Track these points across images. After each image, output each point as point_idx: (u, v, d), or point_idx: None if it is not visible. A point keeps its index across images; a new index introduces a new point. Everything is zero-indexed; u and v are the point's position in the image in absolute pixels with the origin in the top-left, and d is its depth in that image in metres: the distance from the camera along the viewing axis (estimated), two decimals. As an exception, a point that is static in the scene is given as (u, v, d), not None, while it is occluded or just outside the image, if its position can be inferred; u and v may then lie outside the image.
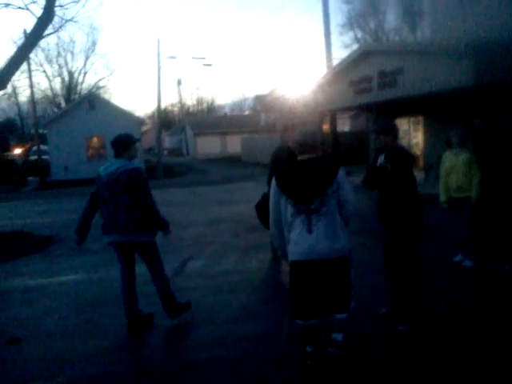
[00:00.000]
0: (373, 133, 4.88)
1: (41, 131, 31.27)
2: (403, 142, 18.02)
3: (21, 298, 6.31)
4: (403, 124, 18.07)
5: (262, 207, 6.22)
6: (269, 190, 4.15)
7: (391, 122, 4.92)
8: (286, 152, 6.55)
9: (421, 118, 17.19)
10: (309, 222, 3.65)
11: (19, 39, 27.26)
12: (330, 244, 3.64)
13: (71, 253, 8.59)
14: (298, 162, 3.87)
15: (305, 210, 3.67)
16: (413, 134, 17.98)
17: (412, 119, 17.82)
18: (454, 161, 6.36)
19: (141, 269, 5.10)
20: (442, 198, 6.54)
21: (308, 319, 3.79)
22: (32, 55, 46.92)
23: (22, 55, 10.11)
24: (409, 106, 15.99)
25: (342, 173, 3.76)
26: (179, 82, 61.87)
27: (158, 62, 30.14)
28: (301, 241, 3.67)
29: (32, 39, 10.29)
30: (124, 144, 4.81)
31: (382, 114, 17.43)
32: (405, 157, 4.55)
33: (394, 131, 4.65)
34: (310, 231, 3.64)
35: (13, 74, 9.92)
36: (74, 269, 7.60)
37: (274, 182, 3.87)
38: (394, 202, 4.49)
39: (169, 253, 8.29)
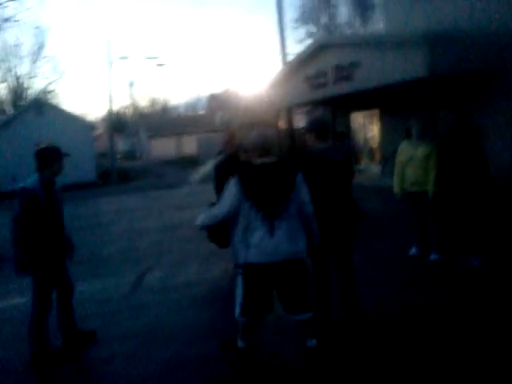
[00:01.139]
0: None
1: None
2: (359, 136, 18.01)
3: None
4: (359, 118, 18.00)
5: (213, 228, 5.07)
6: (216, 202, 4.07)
7: (315, 120, 4.61)
8: (227, 164, 5.68)
9: (377, 112, 17.12)
10: (271, 225, 3.59)
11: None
12: (291, 246, 3.63)
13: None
14: (260, 165, 3.72)
15: (268, 215, 3.58)
16: (368, 128, 17.90)
17: (368, 113, 17.73)
18: (411, 153, 6.10)
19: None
20: (397, 189, 6.32)
21: (258, 319, 3.81)
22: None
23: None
24: (365, 99, 15.88)
25: (300, 174, 3.73)
26: (131, 84, 61.13)
27: (109, 63, 29.24)
28: (262, 244, 3.58)
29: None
30: (46, 158, 4.34)
31: (338, 108, 17.33)
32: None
33: (314, 129, 4.32)
34: (272, 234, 3.58)
35: None
36: (22, 291, 6.96)
37: (234, 182, 3.65)
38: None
39: (125, 264, 7.82)
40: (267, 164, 3.71)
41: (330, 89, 15.66)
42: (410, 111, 13.83)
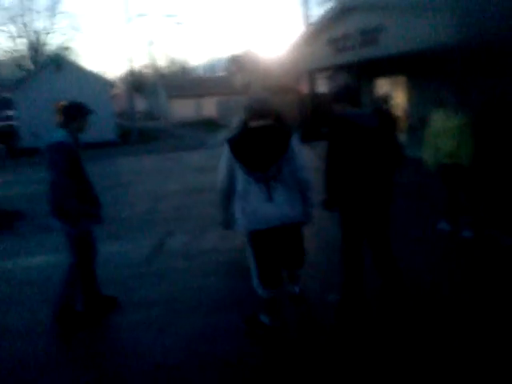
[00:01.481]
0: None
1: (7, 96, 29.80)
2: (383, 102, 17.56)
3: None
4: (384, 85, 17.52)
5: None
6: None
7: (344, 88, 4.31)
8: None
9: (403, 79, 16.63)
10: (268, 189, 3.64)
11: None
12: (290, 210, 3.69)
13: (40, 231, 7.95)
14: (251, 128, 3.76)
15: (262, 178, 3.63)
16: (394, 95, 17.43)
17: (393, 79, 17.24)
18: (446, 123, 5.85)
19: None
20: (430, 161, 6.07)
21: (276, 286, 3.87)
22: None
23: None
24: (391, 65, 15.40)
25: (295, 139, 3.75)
26: (150, 43, 60.07)
27: (127, 20, 28.80)
28: (261, 209, 3.64)
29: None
30: (72, 113, 4.28)
31: (362, 74, 16.87)
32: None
33: (344, 96, 4.12)
34: (270, 198, 3.64)
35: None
36: (42, 249, 7.00)
37: (226, 149, 3.74)
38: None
39: (145, 227, 7.80)
40: (259, 127, 3.73)
41: (354, 53, 15.23)
42: (439, 79, 13.43)
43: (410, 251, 5.57)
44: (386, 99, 9.73)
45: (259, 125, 3.73)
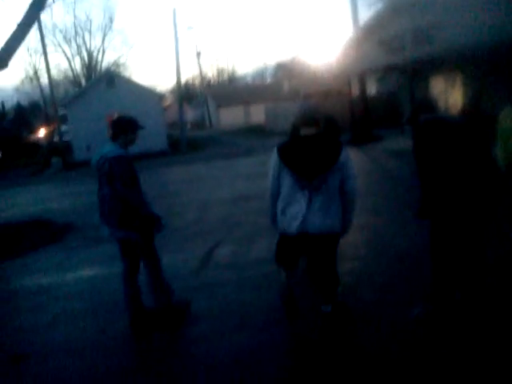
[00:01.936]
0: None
1: (62, 112, 30.79)
2: (439, 102, 16.83)
3: (29, 301, 5.65)
4: (439, 83, 16.81)
5: None
6: None
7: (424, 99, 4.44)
8: None
9: (460, 76, 15.90)
10: (310, 197, 3.70)
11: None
12: (327, 220, 3.71)
13: (89, 243, 7.91)
14: (302, 136, 3.82)
15: (307, 185, 3.69)
16: (451, 94, 16.69)
17: (450, 77, 16.52)
18: None
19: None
20: (502, 161, 5.53)
21: (291, 267, 4.04)
22: (50, 36, 46.51)
23: (22, 30, 9.29)
24: (446, 63, 14.74)
25: (345, 152, 3.74)
26: (199, 54, 60.64)
27: (175, 34, 29.14)
28: (299, 215, 3.71)
29: (31, 11, 9.44)
30: (122, 126, 4.34)
31: (416, 74, 16.22)
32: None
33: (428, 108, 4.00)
34: (308, 207, 3.70)
35: (14, 51, 9.14)
36: (91, 262, 6.92)
37: (275, 155, 3.83)
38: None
39: (194, 237, 7.60)
40: (309, 135, 3.77)
41: (406, 53, 14.69)
42: (497, 75, 12.71)
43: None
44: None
45: (310, 133, 3.78)
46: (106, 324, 4.67)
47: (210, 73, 79.42)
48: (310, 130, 3.79)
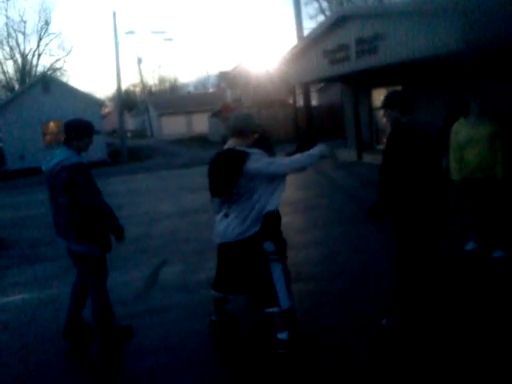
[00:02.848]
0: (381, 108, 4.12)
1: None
2: (381, 114, 17.00)
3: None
4: (381, 95, 17.02)
5: None
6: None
7: (396, 93, 4.16)
8: None
9: (400, 88, 16.14)
10: (228, 208, 3.68)
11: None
12: (241, 227, 3.62)
13: (20, 261, 7.24)
14: (218, 152, 3.83)
15: (224, 200, 3.70)
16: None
17: (391, 89, 16.78)
18: (471, 133, 5.24)
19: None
20: (456, 176, 5.45)
21: (225, 292, 4.00)
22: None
23: None
24: (388, 75, 14.93)
25: (253, 157, 3.54)
26: (139, 61, 59.56)
27: (115, 38, 28.28)
28: (220, 224, 3.74)
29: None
30: (77, 131, 4.00)
31: (359, 85, 16.36)
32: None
33: (398, 104, 3.85)
34: (226, 216, 3.69)
35: None
36: (22, 285, 6.28)
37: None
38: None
39: (138, 255, 7.09)
40: (221, 152, 3.77)
41: (351, 63, 14.77)
42: (439, 87, 12.94)
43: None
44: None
45: (229, 146, 3.74)
46: (36, 364, 4.09)
47: (152, 81, 78.32)
48: (236, 143, 3.71)
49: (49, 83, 26.97)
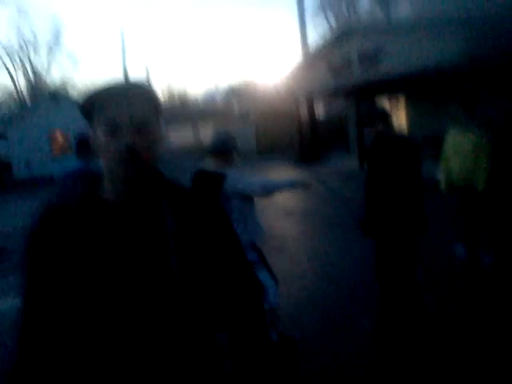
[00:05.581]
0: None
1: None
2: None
3: None
4: (383, 105, 17.19)
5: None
6: None
7: (375, 108, 4.13)
8: None
9: (402, 98, 16.29)
10: None
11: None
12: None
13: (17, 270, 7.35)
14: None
15: None
16: (394, 115, 17.08)
17: (393, 99, 16.91)
18: (460, 143, 5.30)
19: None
20: (443, 185, 5.55)
21: None
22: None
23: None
24: (391, 86, 15.09)
25: (229, 180, 3.29)
26: (147, 74, 60.15)
27: (123, 53, 28.74)
28: None
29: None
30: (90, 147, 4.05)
31: (363, 96, 16.53)
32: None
33: (381, 117, 3.87)
34: None
35: None
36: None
37: None
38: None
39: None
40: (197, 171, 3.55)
41: (355, 76, 14.94)
42: (440, 98, 13.06)
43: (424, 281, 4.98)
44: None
45: (206, 167, 3.53)
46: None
47: (161, 95, 79.02)
48: (212, 163, 3.52)
49: (58, 97, 27.37)
